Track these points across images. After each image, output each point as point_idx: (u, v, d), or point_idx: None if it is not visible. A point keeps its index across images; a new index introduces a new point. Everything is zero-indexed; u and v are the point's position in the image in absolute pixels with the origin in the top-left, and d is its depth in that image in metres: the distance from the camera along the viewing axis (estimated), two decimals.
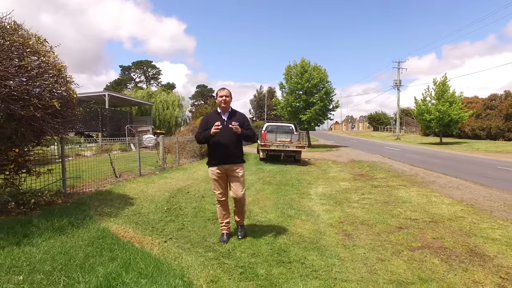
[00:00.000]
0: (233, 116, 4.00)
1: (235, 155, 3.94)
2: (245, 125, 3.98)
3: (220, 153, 3.85)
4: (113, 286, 2.54)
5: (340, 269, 3.35)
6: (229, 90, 4.02)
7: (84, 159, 8.56)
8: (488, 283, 3.14)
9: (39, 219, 3.91)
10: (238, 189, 3.97)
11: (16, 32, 4.18)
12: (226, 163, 3.89)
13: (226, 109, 3.98)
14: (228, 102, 3.95)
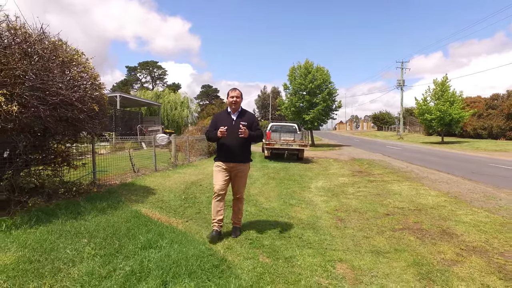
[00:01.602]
0: (242, 116, 4.07)
1: (242, 155, 4.01)
2: (253, 126, 4.06)
3: (227, 152, 3.94)
4: (153, 247, 3.34)
5: (331, 243, 4.13)
6: (240, 91, 4.12)
7: (102, 157, 9.41)
8: (449, 252, 3.89)
9: (84, 202, 4.76)
10: (239, 188, 4.10)
11: (62, 48, 5.00)
12: (232, 161, 3.96)
13: (236, 109, 4.06)
14: (238, 102, 4.04)
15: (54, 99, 4.30)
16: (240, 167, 4.02)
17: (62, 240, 3.34)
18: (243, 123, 3.89)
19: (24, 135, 4.27)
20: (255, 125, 4.11)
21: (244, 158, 4.06)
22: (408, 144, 30.37)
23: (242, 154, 4.00)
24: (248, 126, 3.93)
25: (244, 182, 4.15)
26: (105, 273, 2.71)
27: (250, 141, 4.07)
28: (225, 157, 3.96)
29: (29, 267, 2.71)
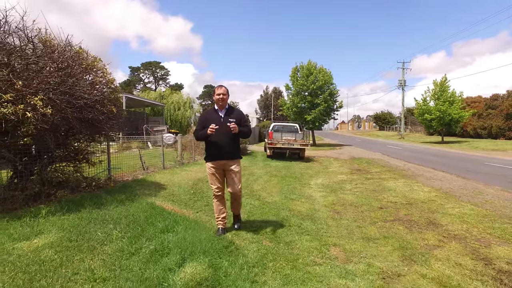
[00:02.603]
0: (230, 113, 4.06)
1: (231, 152, 4.01)
2: (242, 122, 4.06)
3: (216, 149, 3.94)
4: (171, 231, 3.84)
5: (327, 231, 4.61)
6: (226, 87, 4.09)
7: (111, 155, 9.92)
8: (432, 239, 4.36)
9: (104, 195, 5.28)
10: (234, 185, 4.07)
11: (83, 55, 5.51)
12: (222, 158, 3.97)
13: (223, 106, 4.04)
14: (225, 99, 4.02)
15: (79, 102, 4.81)
16: (231, 163, 4.02)
17: (92, 225, 3.85)
18: (232, 120, 3.92)
19: (53, 135, 4.77)
20: (243, 121, 4.12)
21: (234, 154, 4.06)
22: (408, 143, 30.77)
23: (232, 150, 4.00)
24: (236, 123, 3.92)
25: (238, 178, 4.10)
26: (133, 250, 3.22)
27: (239, 137, 4.09)
28: (215, 155, 3.97)
29: (70, 244, 3.22)
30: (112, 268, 2.81)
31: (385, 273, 3.24)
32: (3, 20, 4.26)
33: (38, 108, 4.00)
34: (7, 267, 2.65)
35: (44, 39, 4.84)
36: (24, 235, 3.36)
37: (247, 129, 4.12)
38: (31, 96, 4.00)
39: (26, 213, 4.02)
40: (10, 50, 4.20)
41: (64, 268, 2.74)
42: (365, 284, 2.96)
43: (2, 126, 3.83)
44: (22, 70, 4.19)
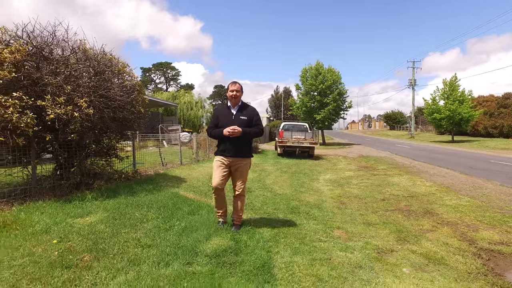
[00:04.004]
0: (243, 110, 3.99)
1: (242, 150, 3.93)
2: (254, 120, 3.96)
3: (227, 147, 3.87)
4: (196, 214, 4.48)
5: (331, 217, 5.18)
6: (240, 84, 4.01)
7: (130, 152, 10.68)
8: (427, 225, 4.89)
9: (134, 185, 5.97)
10: (240, 184, 4.02)
11: (114, 61, 6.20)
12: (232, 156, 3.88)
13: (236, 103, 3.97)
14: (238, 96, 3.94)
15: (114, 103, 5.49)
16: (240, 162, 3.94)
17: (129, 208, 4.51)
18: (243, 117, 3.89)
19: (92, 132, 5.47)
20: (255, 119, 3.99)
21: (245, 153, 3.97)
22: (418, 143, 30.91)
23: (242, 149, 3.92)
24: (248, 121, 3.89)
25: (244, 177, 4.05)
26: (167, 227, 3.87)
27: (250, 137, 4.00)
28: (225, 152, 3.89)
29: (115, 222, 3.89)
30: (154, 238, 3.46)
31: (380, 249, 3.80)
32: (52, 35, 4.96)
33: (83, 109, 4.69)
34: (74, 235, 3.33)
35: (84, 49, 5.53)
36: (78, 214, 4.05)
37: (257, 129, 3.95)
38: (78, 99, 4.69)
39: (74, 198, 4.73)
40: (58, 60, 4.90)
41: (116, 237, 3.41)
42: (362, 255, 3.52)
43: (55, 124, 4.53)
44: (69, 76, 4.89)
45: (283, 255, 3.37)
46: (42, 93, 4.61)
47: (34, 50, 4.75)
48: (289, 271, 2.96)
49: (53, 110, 4.41)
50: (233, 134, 3.71)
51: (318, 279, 2.84)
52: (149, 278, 2.57)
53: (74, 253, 2.93)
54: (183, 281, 2.56)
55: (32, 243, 3.08)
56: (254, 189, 7.25)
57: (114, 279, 2.53)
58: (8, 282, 2.33)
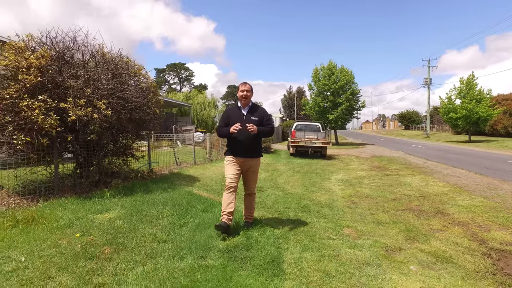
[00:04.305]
0: (253, 110, 4.01)
1: (253, 150, 3.97)
2: (264, 120, 4.01)
3: (238, 147, 3.90)
4: (209, 212, 4.64)
5: (342, 216, 5.26)
6: (250, 85, 4.02)
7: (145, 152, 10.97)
8: (437, 225, 4.91)
9: (150, 184, 6.19)
10: (251, 183, 4.13)
11: (130, 64, 6.44)
12: (242, 156, 3.92)
13: (246, 103, 3.99)
14: (249, 97, 3.97)
15: (130, 105, 5.72)
16: (250, 162, 3.99)
17: (146, 206, 4.72)
18: (254, 118, 3.92)
19: (110, 133, 5.71)
20: (266, 119, 4.05)
21: (255, 153, 4.02)
22: (433, 143, 30.38)
23: (252, 149, 3.96)
24: (259, 121, 3.93)
25: (255, 177, 4.15)
26: (182, 223, 4.05)
27: (261, 136, 4.03)
28: (235, 152, 3.93)
29: (132, 218, 4.09)
30: (169, 234, 3.64)
31: (388, 247, 3.87)
32: (73, 40, 5.22)
33: (101, 110, 4.92)
34: (95, 229, 3.54)
35: (102, 52, 5.78)
36: (97, 210, 4.27)
37: (269, 128, 4.03)
38: (97, 101, 4.92)
39: (94, 195, 4.97)
40: (79, 64, 5.15)
41: (134, 232, 3.60)
42: (370, 253, 3.61)
43: (76, 125, 4.77)
44: (88, 79, 5.13)
45: (292, 251, 3.49)
46: (64, 96, 4.86)
47: (57, 55, 5.01)
48: (297, 266, 3.08)
49: (74, 112, 4.65)
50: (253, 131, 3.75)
51: (326, 274, 2.95)
52: (165, 270, 2.74)
53: (96, 246, 3.13)
54: (196, 273, 2.72)
55: (57, 236, 3.30)
56: (266, 188, 7.38)
57: (132, 270, 2.71)
58: (39, 270, 2.54)
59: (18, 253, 2.80)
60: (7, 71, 4.49)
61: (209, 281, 2.58)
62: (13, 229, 3.40)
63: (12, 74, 4.44)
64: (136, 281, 2.52)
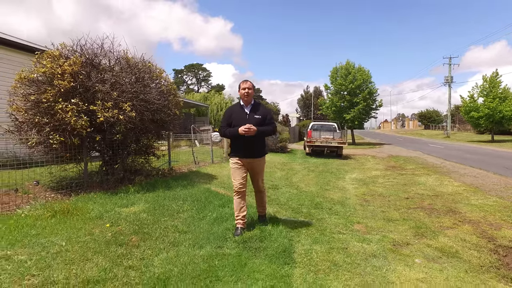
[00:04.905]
0: (256, 109, 3.96)
1: (257, 150, 3.93)
2: (267, 118, 3.95)
3: (242, 147, 3.85)
4: (226, 207, 4.93)
5: (353, 213, 5.45)
6: (251, 82, 3.97)
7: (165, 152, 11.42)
8: (448, 222, 5.03)
9: (171, 181, 6.56)
10: (258, 182, 4.11)
11: (152, 67, 6.82)
12: (247, 156, 3.89)
13: (248, 101, 3.94)
14: (250, 94, 3.90)
15: (152, 106, 6.09)
16: (256, 162, 3.97)
17: (167, 201, 5.06)
18: (257, 116, 3.89)
19: (133, 133, 6.10)
20: (269, 118, 3.99)
21: (259, 152, 3.98)
22: (453, 143, 29.72)
23: (256, 148, 3.92)
24: (262, 119, 3.89)
25: (261, 175, 4.13)
26: (201, 217, 4.36)
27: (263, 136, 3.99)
28: (240, 152, 3.89)
29: (155, 212, 4.44)
30: (189, 226, 3.96)
31: (396, 242, 4.04)
32: (101, 47, 5.64)
33: (127, 112, 5.30)
34: (122, 221, 3.91)
35: (126, 57, 6.19)
36: (123, 204, 4.65)
37: (271, 127, 3.98)
38: (122, 103, 5.31)
39: (120, 191, 5.37)
40: (106, 69, 5.56)
41: (157, 224, 3.94)
42: (377, 247, 3.80)
43: (104, 126, 5.18)
44: (114, 83, 5.53)
45: (303, 244, 3.73)
46: (93, 99, 5.27)
47: (86, 61, 5.43)
48: (307, 257, 3.32)
49: (102, 114, 5.05)
50: (248, 133, 3.66)
51: (333, 264, 3.18)
52: (186, 256, 3.04)
53: (124, 235, 3.48)
54: (214, 259, 3.01)
55: (90, 225, 3.67)
56: (280, 186, 7.62)
57: (157, 256, 3.03)
58: (78, 253, 2.90)
59: (59, 239, 3.18)
60: (44, 77, 4.93)
61: (226, 267, 2.87)
62: (52, 219, 3.80)
63: (48, 79, 4.88)
64: (161, 265, 2.84)
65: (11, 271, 2.49)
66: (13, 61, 8.03)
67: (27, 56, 7.80)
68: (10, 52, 8.22)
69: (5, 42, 8.14)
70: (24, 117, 4.96)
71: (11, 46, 8.28)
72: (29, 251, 2.88)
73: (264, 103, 50.89)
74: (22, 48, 8.42)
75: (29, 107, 4.92)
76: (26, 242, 3.07)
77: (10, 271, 2.49)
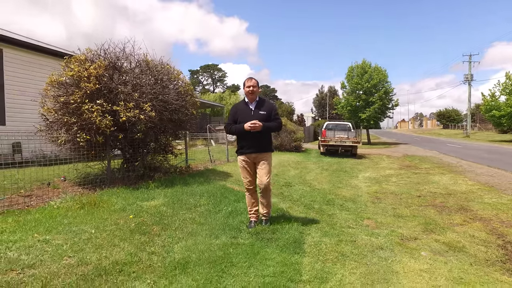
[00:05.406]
0: (261, 105, 3.97)
1: (263, 146, 3.94)
2: (272, 114, 3.97)
3: (248, 143, 3.89)
4: (240, 202, 5.17)
5: (364, 210, 5.59)
6: (256, 80, 3.98)
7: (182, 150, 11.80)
8: (458, 219, 5.10)
9: (188, 178, 6.88)
10: (263, 176, 3.95)
11: (170, 69, 7.14)
12: (253, 152, 3.91)
13: (253, 98, 3.96)
14: (255, 92, 3.92)
15: (170, 107, 6.41)
16: (260, 156, 3.96)
17: (185, 196, 5.36)
18: (262, 112, 3.91)
19: (153, 132, 6.43)
20: (274, 114, 4.00)
21: (265, 148, 3.99)
22: (472, 142, 29.05)
23: (262, 144, 3.94)
24: (267, 115, 3.91)
25: (267, 168, 3.98)
26: (217, 210, 4.63)
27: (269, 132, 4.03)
28: (246, 148, 3.93)
29: (174, 205, 4.73)
30: (206, 218, 4.23)
31: (404, 237, 4.18)
32: (122, 51, 5.99)
33: (147, 112, 5.62)
34: (144, 213, 4.22)
35: (146, 60, 6.52)
36: (144, 198, 4.97)
37: (276, 123, 3.98)
38: (143, 104, 5.64)
39: (140, 186, 5.71)
40: (127, 71, 5.91)
41: (176, 216, 4.23)
42: (385, 241, 3.95)
43: (126, 125, 5.52)
44: (135, 85, 5.87)
45: (313, 236, 3.92)
46: (116, 100, 5.62)
47: (109, 64, 5.79)
48: (316, 247, 3.52)
49: (124, 114, 5.39)
50: (254, 128, 3.70)
51: (341, 254, 3.37)
52: (203, 244, 3.30)
53: (146, 225, 3.78)
54: (229, 248, 3.25)
55: (115, 216, 3.99)
56: (294, 184, 7.81)
57: (177, 244, 3.30)
58: (106, 239, 3.21)
59: (89, 227, 3.50)
60: (72, 80, 5.31)
61: (239, 254, 3.11)
62: (81, 210, 4.15)
63: (76, 82, 5.26)
64: (180, 251, 3.11)
65: (51, 253, 2.83)
66: (44, 65, 8.57)
67: (55, 61, 8.31)
68: (40, 57, 8.76)
69: (36, 48, 8.68)
70: (54, 117, 5.36)
71: (42, 52, 8.83)
72: (64, 237, 3.22)
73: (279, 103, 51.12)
74: (51, 53, 8.97)
75: (59, 108, 5.32)
76: (61, 229, 3.42)
77: (51, 253, 2.83)
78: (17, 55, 8.23)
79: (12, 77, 8.10)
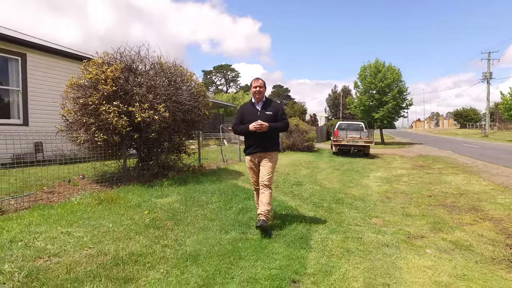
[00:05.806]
0: (267, 106, 3.99)
1: (269, 145, 3.95)
2: (279, 114, 3.99)
3: (254, 142, 3.93)
4: (251, 199, 5.32)
5: (373, 208, 5.65)
6: (263, 80, 4.02)
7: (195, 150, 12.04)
8: (468, 219, 5.11)
9: (200, 176, 7.08)
10: (264, 174, 3.91)
11: (183, 71, 7.35)
12: (258, 152, 3.95)
13: (260, 99, 3.99)
14: (262, 92, 3.95)
15: (184, 107, 6.61)
16: (264, 155, 3.97)
17: (197, 193, 5.55)
18: (269, 113, 3.93)
19: (166, 132, 6.65)
20: (281, 114, 4.02)
21: (271, 147, 3.99)
22: (491, 142, 28.37)
23: (269, 144, 3.96)
24: (273, 116, 3.92)
25: (269, 166, 3.93)
26: (228, 207, 4.79)
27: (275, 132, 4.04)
28: (252, 148, 3.96)
29: (187, 203, 4.92)
30: (217, 215, 4.40)
31: (411, 235, 4.24)
32: (137, 54, 6.24)
33: (161, 113, 5.84)
34: (158, 209, 4.42)
35: (160, 63, 6.75)
36: (158, 195, 5.19)
37: (283, 123, 3.99)
38: (157, 105, 5.86)
39: (155, 184, 5.94)
40: (142, 74, 6.14)
41: (188, 212, 4.42)
42: (391, 238, 4.03)
43: (141, 126, 5.75)
44: (150, 87, 6.10)
45: (320, 233, 4.04)
46: (131, 101, 5.86)
47: (125, 67, 6.04)
48: (323, 243, 3.64)
49: (140, 114, 5.62)
50: (260, 129, 3.74)
51: (346, 250, 3.47)
52: (214, 239, 3.47)
53: (160, 221, 3.98)
54: (238, 242, 3.41)
55: (131, 212, 4.21)
56: (304, 183, 7.91)
57: (189, 238, 3.49)
58: (123, 233, 3.43)
59: (106, 222, 3.73)
60: (90, 83, 5.58)
61: (248, 248, 3.26)
62: (99, 206, 4.39)
63: (94, 84, 5.52)
64: (192, 245, 3.28)
65: (73, 243, 3.06)
66: (64, 68, 8.95)
67: (74, 63, 8.67)
68: (61, 60, 9.14)
69: (57, 52, 9.07)
70: (73, 118, 5.64)
71: (62, 55, 9.21)
72: (84, 230, 3.45)
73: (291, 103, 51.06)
74: (70, 56, 9.35)
75: (78, 109, 5.60)
76: (81, 223, 3.66)
77: (73, 243, 3.06)
78: (39, 59, 8.63)
79: (35, 80, 8.49)
